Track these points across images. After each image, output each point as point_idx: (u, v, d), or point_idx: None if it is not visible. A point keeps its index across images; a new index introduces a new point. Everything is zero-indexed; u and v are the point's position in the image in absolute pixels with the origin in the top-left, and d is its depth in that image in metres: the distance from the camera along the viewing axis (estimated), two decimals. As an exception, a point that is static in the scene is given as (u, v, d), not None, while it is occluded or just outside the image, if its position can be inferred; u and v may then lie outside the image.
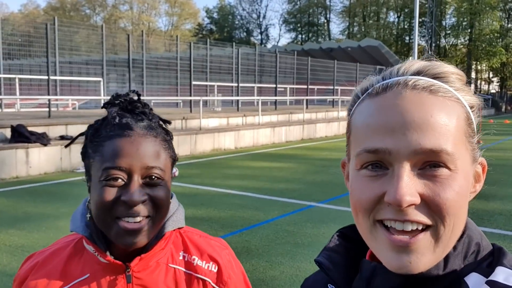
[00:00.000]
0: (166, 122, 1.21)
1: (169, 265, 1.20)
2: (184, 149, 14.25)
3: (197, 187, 9.59)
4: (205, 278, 1.21)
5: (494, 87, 67.76)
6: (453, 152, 0.67)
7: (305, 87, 26.16)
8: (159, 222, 1.12)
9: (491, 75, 67.02)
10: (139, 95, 1.19)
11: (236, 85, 21.83)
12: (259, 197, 8.55)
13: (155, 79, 22.43)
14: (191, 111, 17.61)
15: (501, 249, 0.73)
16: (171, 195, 1.19)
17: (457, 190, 0.67)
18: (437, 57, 0.78)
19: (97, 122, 1.15)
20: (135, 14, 69.70)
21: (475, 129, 0.75)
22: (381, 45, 39.60)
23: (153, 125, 1.13)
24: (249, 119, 18.50)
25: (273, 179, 10.65)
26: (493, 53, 54.48)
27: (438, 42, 55.66)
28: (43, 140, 11.04)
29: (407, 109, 0.68)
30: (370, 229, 0.70)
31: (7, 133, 11.00)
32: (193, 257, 1.22)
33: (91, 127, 1.15)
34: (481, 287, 0.66)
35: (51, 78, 14.71)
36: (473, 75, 61.11)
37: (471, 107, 0.74)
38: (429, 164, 0.67)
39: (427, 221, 0.66)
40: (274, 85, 24.02)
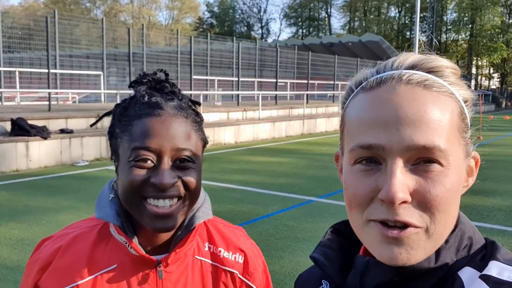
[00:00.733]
0: (196, 103, 1.15)
1: (195, 257, 1.16)
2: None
3: (197, 181, 9.58)
4: (232, 270, 1.18)
5: (494, 83, 67.68)
6: (446, 148, 0.67)
7: (306, 82, 26.13)
8: (190, 206, 1.08)
9: (492, 71, 66.90)
10: (167, 74, 1.14)
11: (236, 79, 21.80)
12: (259, 192, 8.56)
13: (156, 73, 22.36)
14: (191, 105, 17.55)
15: (494, 243, 0.73)
16: None
17: (448, 186, 0.67)
18: (437, 52, 0.77)
19: (124, 101, 1.10)
20: (135, 7, 69.52)
21: (468, 123, 0.74)
22: (382, 40, 39.53)
23: (183, 105, 1.08)
24: (249, 114, 18.50)
25: (273, 173, 10.66)
26: (494, 48, 54.34)
27: (439, 37, 55.52)
28: (43, 133, 11.04)
29: (400, 105, 0.67)
30: (362, 225, 0.71)
31: (7, 126, 11.00)
32: (219, 249, 1.19)
33: (119, 106, 1.10)
34: (475, 281, 0.66)
35: (51, 71, 14.68)
36: (473, 71, 61.00)
37: (465, 101, 0.73)
38: (422, 160, 0.67)
39: (417, 223, 0.66)
40: (274, 80, 23.98)
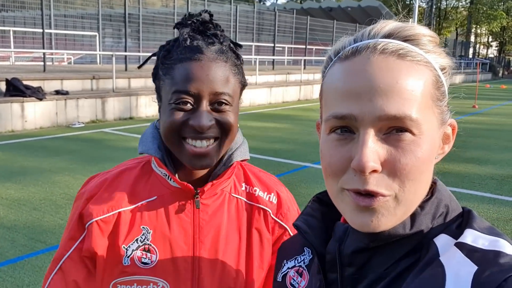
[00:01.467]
0: (237, 45, 1.19)
1: (232, 194, 1.22)
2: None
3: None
4: (266, 208, 1.24)
5: (492, 52, 67.23)
6: (417, 117, 0.67)
7: (304, 47, 25.87)
8: (226, 145, 1.13)
9: (490, 39, 66.35)
10: (211, 15, 1.17)
11: (233, 43, 21.52)
12: (254, 157, 8.59)
13: (152, 35, 22.02)
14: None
15: (470, 212, 0.75)
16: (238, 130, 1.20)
17: (419, 155, 0.68)
18: (437, 18, 0.76)
19: (168, 42, 1.14)
20: (131, -33, 67.83)
21: (445, 91, 0.75)
22: (382, 6, 38.92)
23: (224, 48, 1.12)
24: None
25: (268, 139, 10.69)
26: (493, 16, 53.68)
27: (439, 4, 54.74)
28: (38, 94, 10.96)
29: (373, 75, 0.68)
30: (337, 193, 0.73)
31: (2, 86, 10.90)
32: (254, 188, 1.25)
33: (163, 48, 1.14)
34: (450, 248, 0.68)
35: (46, 31, 14.45)
36: (472, 39, 60.47)
37: (442, 69, 0.74)
38: (394, 128, 0.68)
39: (386, 192, 0.68)
40: (272, 44, 23.72)
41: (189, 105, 1.07)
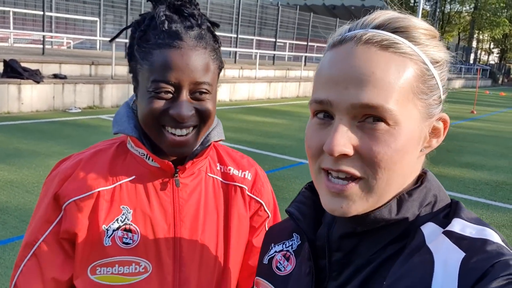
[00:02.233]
0: (214, 25, 1.15)
1: (208, 174, 1.23)
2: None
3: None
4: (241, 185, 1.26)
5: (493, 58, 67.34)
6: (391, 108, 0.68)
7: (305, 43, 25.82)
8: (204, 131, 1.14)
9: (492, 46, 66.43)
10: None
11: (235, 36, 21.47)
12: (250, 151, 8.61)
13: (153, 23, 21.94)
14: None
15: (458, 203, 0.76)
16: None
17: (392, 146, 0.69)
18: (440, 22, 0.76)
19: (143, 19, 1.10)
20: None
21: (437, 85, 0.74)
22: (385, 6, 38.87)
23: (202, 33, 1.08)
24: (245, 72, 18.30)
25: (265, 134, 10.67)
26: (496, 23, 53.75)
27: (443, 7, 54.72)
28: (36, 77, 10.88)
29: (352, 65, 0.70)
30: (316, 175, 0.76)
31: (0, 67, 10.82)
32: (228, 168, 1.27)
33: (138, 26, 1.10)
34: (438, 236, 0.69)
35: (47, 14, 14.34)
36: (474, 44, 60.55)
37: (435, 63, 0.73)
38: (369, 117, 0.70)
39: (356, 173, 0.70)
40: (273, 39, 23.66)
41: (169, 94, 1.05)
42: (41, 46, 14.07)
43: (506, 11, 56.16)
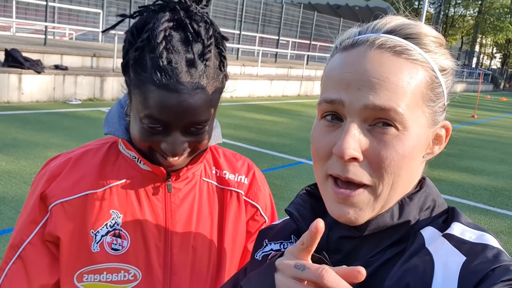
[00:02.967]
0: (224, 38, 1.03)
1: (202, 178, 1.19)
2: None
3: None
4: (237, 190, 1.21)
5: (496, 63, 67.30)
6: (402, 112, 0.69)
7: (308, 42, 25.76)
8: (197, 153, 1.09)
9: (495, 51, 66.39)
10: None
11: (238, 32, 21.42)
12: (249, 148, 8.59)
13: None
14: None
15: (455, 209, 0.77)
16: None
17: (400, 151, 0.69)
18: (444, 25, 0.75)
19: (142, 27, 0.97)
20: None
21: (443, 92, 0.75)
22: (390, 8, 38.84)
23: (206, 68, 0.96)
24: (247, 69, 18.26)
25: (265, 132, 10.64)
26: (500, 28, 53.78)
27: (447, 10, 54.61)
28: (37, 67, 10.84)
29: (366, 69, 0.70)
30: (322, 180, 0.75)
31: (1, 56, 10.77)
32: (224, 172, 1.22)
33: (133, 37, 0.97)
34: (437, 239, 0.70)
35: (50, 4, 14.28)
36: (476, 49, 60.50)
37: (442, 71, 0.74)
38: (379, 121, 0.70)
39: (366, 182, 0.70)
40: (276, 37, 23.60)
41: (162, 129, 0.99)
42: (43, 36, 13.99)
43: (510, 16, 56.11)
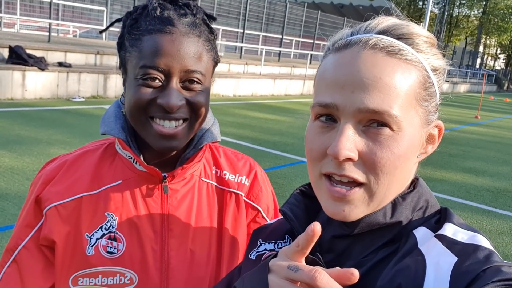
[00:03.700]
0: (211, 18, 1.09)
1: (202, 179, 1.16)
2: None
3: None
4: (237, 191, 1.19)
5: (500, 64, 67.09)
6: (396, 114, 0.69)
7: (311, 41, 25.74)
8: (196, 127, 1.07)
9: (499, 52, 66.19)
10: None
11: (241, 31, 21.41)
12: (252, 147, 8.60)
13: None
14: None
15: (448, 209, 0.77)
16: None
17: (395, 151, 0.70)
18: (448, 26, 0.75)
19: (136, 9, 1.05)
20: None
21: (435, 92, 0.75)
22: (394, 8, 38.74)
23: (197, 21, 1.03)
24: (250, 68, 18.26)
25: (268, 131, 10.64)
26: (504, 29, 53.60)
27: (451, 11, 54.47)
28: (41, 64, 10.86)
29: (359, 69, 0.70)
30: (316, 180, 0.76)
31: (5, 53, 10.80)
32: (224, 172, 1.20)
33: (130, 15, 1.05)
34: (430, 239, 0.70)
35: (54, 1, 14.31)
36: (480, 49, 60.32)
37: (434, 70, 0.75)
38: (373, 122, 0.70)
39: (360, 179, 0.70)
40: (280, 36, 23.58)
41: (157, 82, 0.99)
42: (47, 33, 14.02)
43: (514, 17, 55.88)
